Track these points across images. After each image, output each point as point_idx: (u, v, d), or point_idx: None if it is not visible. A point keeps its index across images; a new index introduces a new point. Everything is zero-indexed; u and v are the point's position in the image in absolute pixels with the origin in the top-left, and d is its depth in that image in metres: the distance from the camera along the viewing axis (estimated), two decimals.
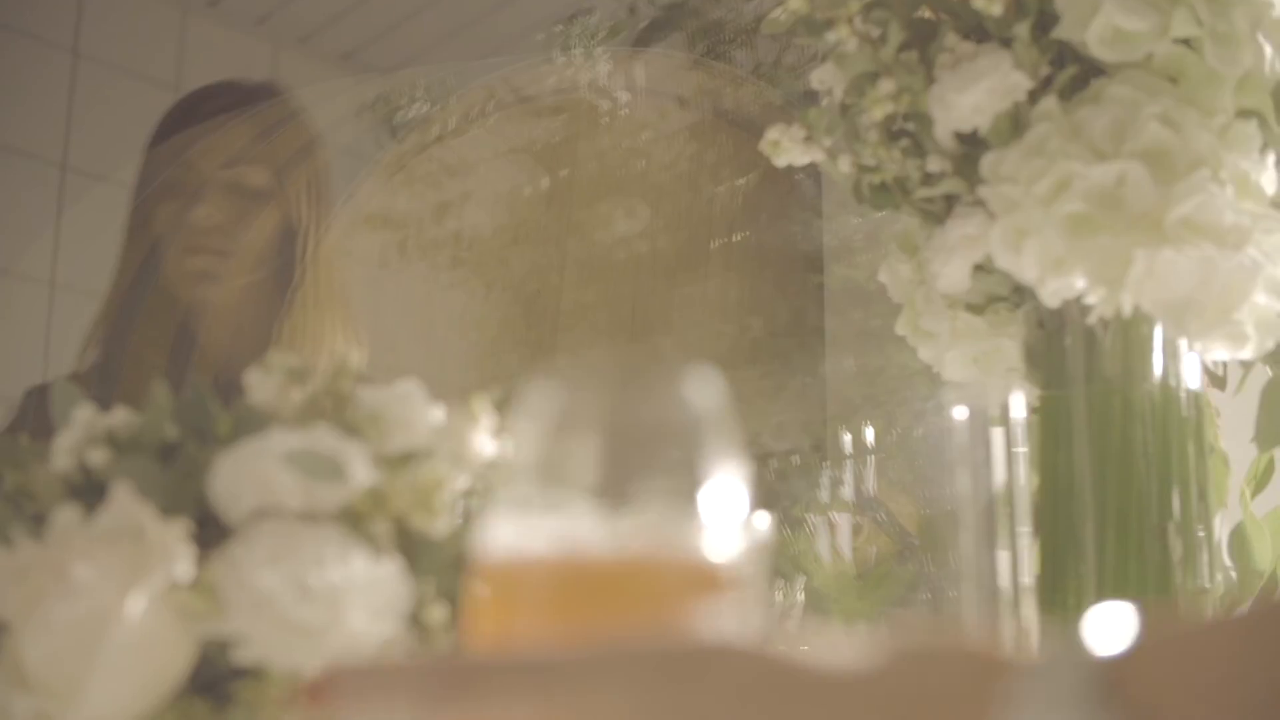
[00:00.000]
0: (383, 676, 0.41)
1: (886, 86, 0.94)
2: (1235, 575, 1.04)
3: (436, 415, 0.69)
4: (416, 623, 0.63)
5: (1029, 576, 0.79)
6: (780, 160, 1.00)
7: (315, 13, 2.57)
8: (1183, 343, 0.94)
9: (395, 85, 1.82)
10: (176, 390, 0.67)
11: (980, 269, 0.95)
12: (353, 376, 0.69)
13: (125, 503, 0.62)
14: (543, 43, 1.80)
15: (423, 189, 1.78)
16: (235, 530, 0.63)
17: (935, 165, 0.95)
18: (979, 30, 0.94)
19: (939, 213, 0.97)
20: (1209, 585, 0.91)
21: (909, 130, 0.96)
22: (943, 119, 0.93)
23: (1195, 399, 0.95)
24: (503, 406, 0.71)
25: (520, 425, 0.48)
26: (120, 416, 0.67)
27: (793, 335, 1.75)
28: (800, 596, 1.24)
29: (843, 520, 1.35)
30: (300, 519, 0.63)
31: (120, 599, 0.60)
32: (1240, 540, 1.05)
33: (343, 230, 1.70)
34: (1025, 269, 0.90)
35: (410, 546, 0.65)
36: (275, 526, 0.62)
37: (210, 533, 0.63)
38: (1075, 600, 0.91)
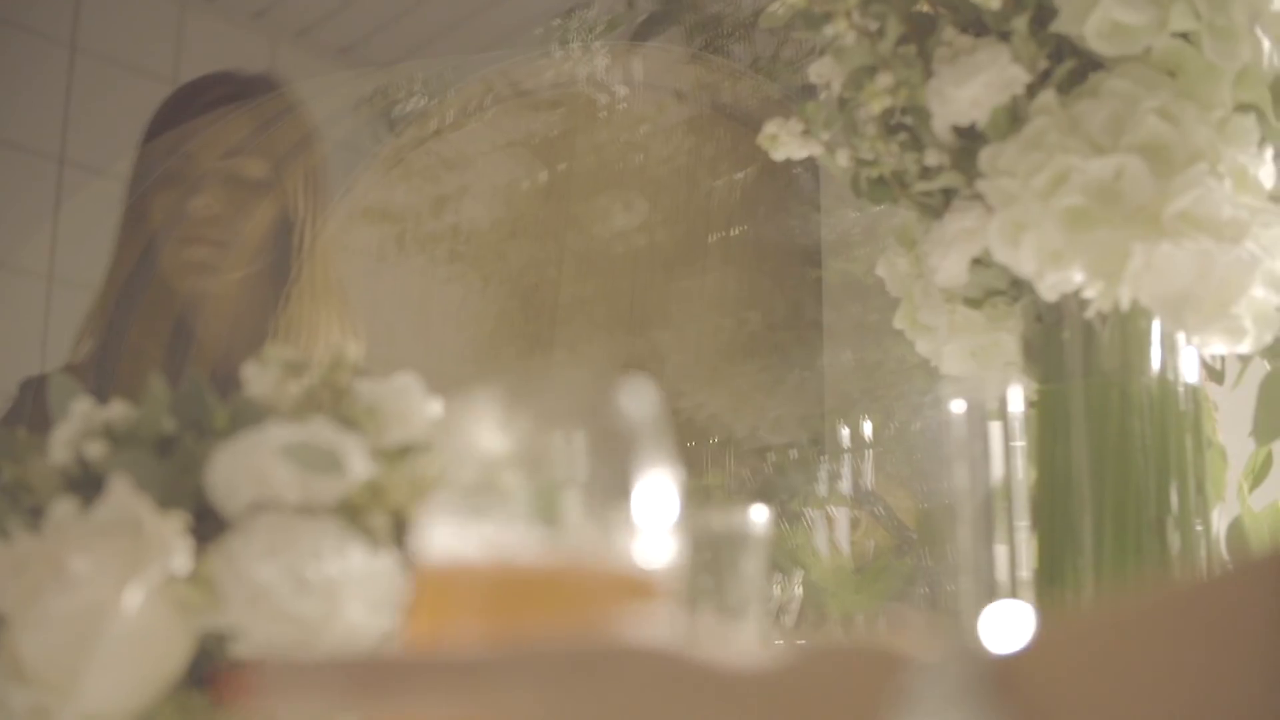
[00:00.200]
0: (304, 673, 0.42)
1: (884, 80, 0.94)
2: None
3: (434, 408, 0.69)
4: None
5: (1027, 570, 0.79)
6: (778, 154, 1.00)
7: (313, 6, 2.57)
8: (1181, 336, 0.94)
9: (393, 79, 1.82)
10: (174, 383, 0.67)
11: (978, 263, 0.95)
12: (350, 369, 0.69)
13: (123, 496, 0.62)
14: (541, 37, 1.80)
15: (420, 182, 1.78)
16: (233, 523, 0.63)
17: (933, 159, 0.95)
18: (977, 24, 0.94)
19: (937, 206, 0.97)
20: None
21: (907, 124, 0.96)
22: (941, 113, 0.92)
23: (1193, 393, 0.95)
24: (500, 400, 0.71)
25: (457, 433, 0.49)
26: (118, 409, 0.67)
27: (790, 329, 1.75)
28: (798, 590, 1.24)
29: (841, 514, 1.35)
30: (298, 512, 0.63)
31: (118, 592, 0.60)
32: (1238, 534, 1.05)
33: (340, 223, 1.70)
34: (1023, 263, 0.90)
35: (407, 539, 0.65)
36: (273, 519, 0.62)
37: (208, 526, 0.63)
38: (1073, 594, 0.91)
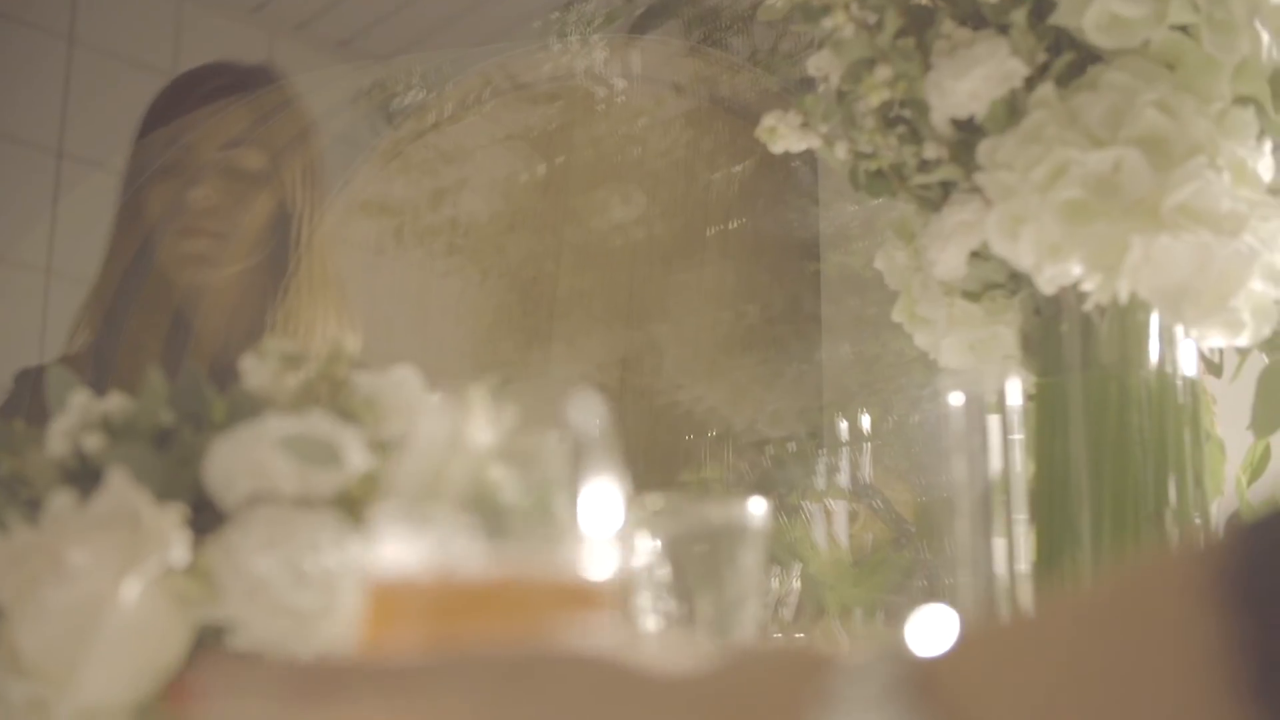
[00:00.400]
0: (244, 677, 0.42)
1: (883, 73, 0.94)
2: None
3: (432, 401, 0.69)
4: None
5: (1025, 563, 0.79)
6: (776, 147, 1.00)
7: (311, 0, 2.57)
8: (1179, 329, 0.94)
9: (391, 72, 1.82)
10: (172, 376, 0.67)
11: (977, 256, 0.95)
12: (348, 362, 0.69)
13: (120, 488, 0.62)
14: (539, 29, 1.80)
15: (419, 176, 1.78)
16: (231, 516, 0.63)
17: (932, 152, 0.94)
18: (976, 17, 0.93)
19: (935, 199, 0.97)
20: None
21: (905, 117, 0.96)
22: (939, 105, 0.92)
23: (1191, 386, 0.95)
24: (499, 393, 0.71)
25: (407, 442, 0.49)
26: (115, 402, 0.67)
27: (789, 322, 1.75)
28: (796, 583, 1.25)
29: (839, 507, 1.35)
30: (296, 504, 0.63)
31: (115, 584, 0.60)
32: None
33: (339, 216, 1.70)
34: (1022, 255, 0.90)
35: None
36: (270, 512, 0.62)
37: (205, 518, 0.63)
38: (1071, 587, 0.91)
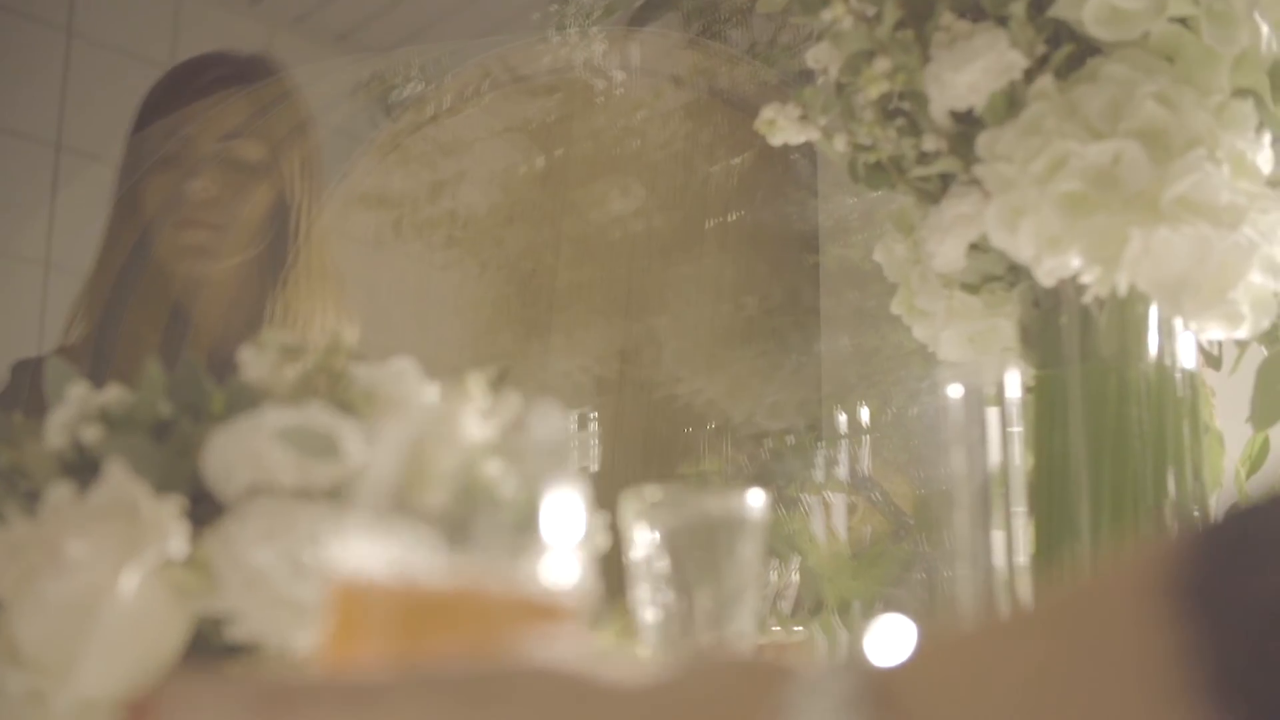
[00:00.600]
0: (205, 697, 0.42)
1: (882, 65, 0.94)
2: None
3: (430, 393, 0.69)
4: None
5: (1024, 556, 0.79)
6: (776, 139, 1.00)
7: None
8: (1178, 322, 0.94)
9: (390, 64, 1.81)
10: (170, 367, 0.67)
11: (976, 248, 0.95)
12: (346, 354, 0.69)
13: (119, 480, 0.62)
14: (538, 22, 1.80)
15: (417, 168, 1.78)
16: (229, 507, 0.63)
17: (931, 144, 0.94)
18: (975, 9, 0.93)
19: (934, 192, 0.97)
20: None
21: (904, 109, 0.96)
22: (938, 98, 0.92)
23: (1190, 378, 0.95)
24: (497, 385, 0.71)
25: (370, 451, 0.49)
26: (114, 394, 0.67)
27: (788, 315, 1.75)
28: (795, 576, 1.25)
29: (838, 500, 1.35)
30: (294, 496, 0.63)
31: (114, 576, 0.60)
32: None
33: (337, 209, 1.70)
34: (1021, 248, 0.90)
35: None
36: (269, 503, 0.62)
37: (204, 510, 0.63)
38: (1070, 580, 0.91)
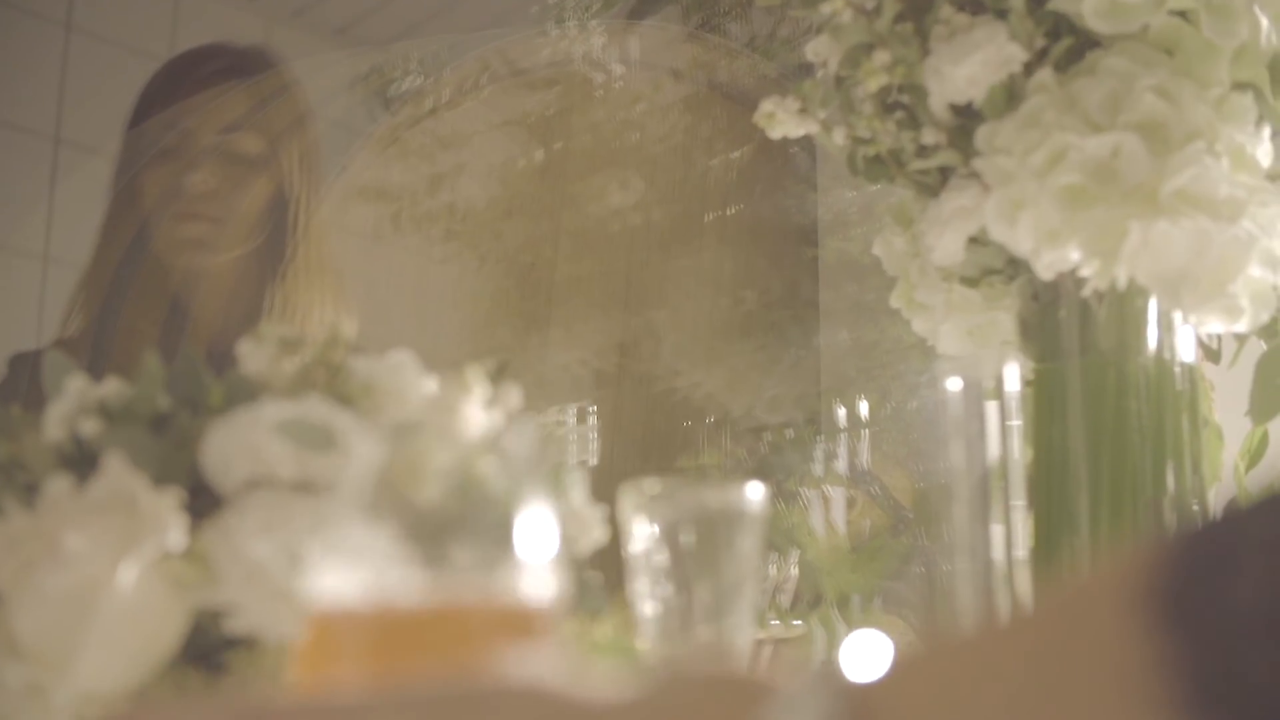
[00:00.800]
0: (181, 718, 0.41)
1: (881, 58, 0.94)
2: None
3: (429, 386, 0.69)
4: None
5: (1023, 550, 0.79)
6: (775, 133, 1.00)
7: None
8: (1177, 315, 0.94)
9: (389, 58, 1.81)
10: (169, 360, 0.67)
11: (975, 241, 0.95)
12: (345, 347, 0.69)
13: (117, 472, 0.62)
14: (537, 15, 1.79)
15: (416, 161, 1.78)
16: (228, 500, 0.63)
17: (930, 137, 0.94)
18: (974, 2, 0.93)
19: (934, 185, 0.97)
20: None
21: (904, 102, 0.96)
22: (938, 91, 0.92)
23: (1190, 372, 0.95)
24: (495, 379, 0.71)
25: (345, 471, 0.49)
26: (112, 386, 0.66)
27: (787, 308, 1.75)
28: (794, 570, 1.25)
29: (837, 493, 1.35)
30: (293, 489, 0.63)
31: (112, 569, 0.60)
32: None
33: (336, 202, 1.70)
34: (1020, 241, 0.90)
35: None
36: (268, 496, 0.62)
37: (203, 502, 0.63)
38: (1069, 574, 0.91)
